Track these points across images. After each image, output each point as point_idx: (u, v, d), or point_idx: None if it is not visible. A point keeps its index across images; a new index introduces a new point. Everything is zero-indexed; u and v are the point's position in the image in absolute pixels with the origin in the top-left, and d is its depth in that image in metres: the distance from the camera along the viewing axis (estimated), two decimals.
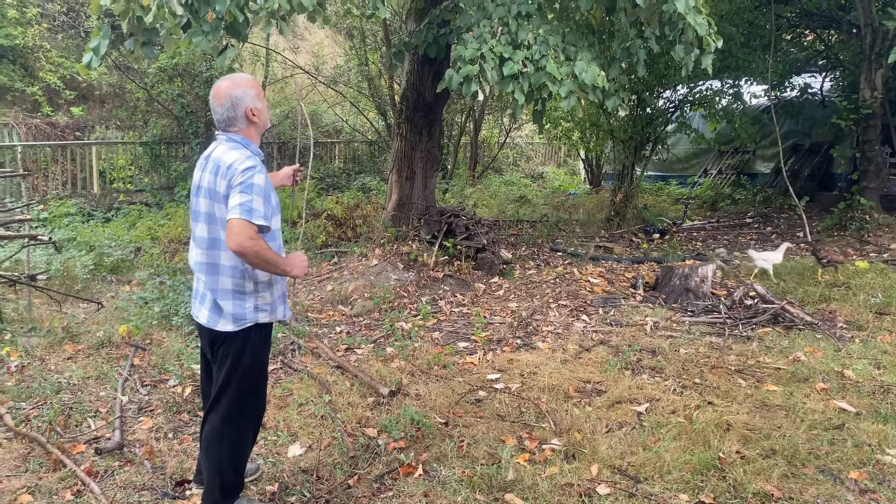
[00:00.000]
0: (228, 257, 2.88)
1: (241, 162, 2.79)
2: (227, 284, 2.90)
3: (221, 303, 2.91)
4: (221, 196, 2.80)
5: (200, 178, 2.94)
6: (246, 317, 2.94)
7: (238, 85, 2.93)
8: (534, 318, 5.97)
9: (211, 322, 2.95)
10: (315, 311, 6.32)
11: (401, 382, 4.61)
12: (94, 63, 4.90)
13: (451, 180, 14.36)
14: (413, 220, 7.39)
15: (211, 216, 2.87)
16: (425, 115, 7.40)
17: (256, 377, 3.08)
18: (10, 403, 4.33)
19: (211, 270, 2.91)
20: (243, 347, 2.98)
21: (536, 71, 5.53)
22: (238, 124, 2.93)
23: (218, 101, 2.91)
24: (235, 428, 3.07)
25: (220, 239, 2.87)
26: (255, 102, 2.94)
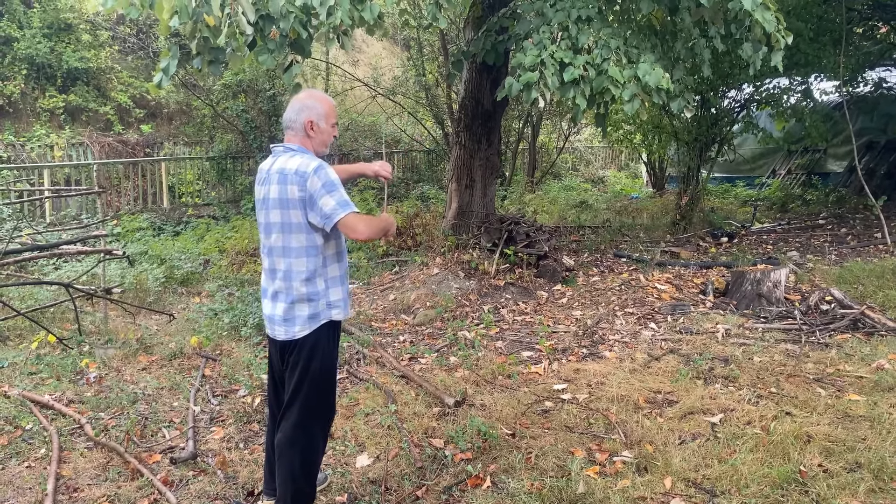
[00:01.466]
0: (301, 263, 2.96)
1: (307, 164, 2.87)
2: (302, 289, 2.98)
3: (297, 307, 2.99)
4: (297, 202, 2.87)
5: (267, 191, 2.99)
6: (320, 315, 3.02)
7: (313, 97, 3.06)
8: (599, 327, 5.86)
9: (289, 334, 3.02)
10: (378, 320, 6.36)
11: (465, 392, 4.59)
12: (165, 83, 5.06)
13: (510, 187, 14.30)
14: (473, 229, 7.37)
15: (285, 225, 2.93)
16: (484, 123, 7.38)
17: (327, 380, 3.13)
18: (90, 413, 4.49)
19: (286, 277, 2.99)
20: (313, 351, 3.04)
21: (598, 75, 5.45)
22: (295, 129, 3.02)
23: (291, 104, 3.06)
24: (307, 434, 3.11)
25: (292, 247, 2.95)
26: (319, 119, 3.01)
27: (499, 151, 7.67)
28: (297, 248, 2.95)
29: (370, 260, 8.85)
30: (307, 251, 2.95)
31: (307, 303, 2.99)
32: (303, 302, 2.99)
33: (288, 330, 3.02)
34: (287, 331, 3.02)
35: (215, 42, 4.40)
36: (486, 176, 7.49)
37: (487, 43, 6.63)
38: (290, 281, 2.99)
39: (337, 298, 3.07)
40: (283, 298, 3.01)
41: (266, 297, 3.12)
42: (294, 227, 2.92)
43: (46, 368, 5.33)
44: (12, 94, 13.90)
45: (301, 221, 2.90)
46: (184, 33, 4.59)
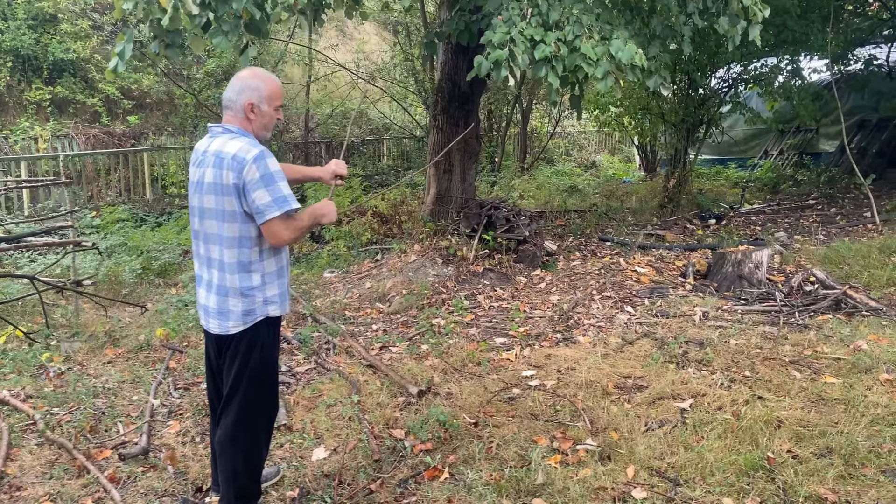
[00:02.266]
0: (233, 254, 2.80)
1: (246, 150, 2.69)
2: (236, 282, 2.82)
3: (231, 301, 2.83)
4: (231, 189, 2.70)
5: (202, 174, 2.82)
6: (255, 311, 2.86)
7: (256, 76, 2.86)
8: (575, 312, 5.74)
9: (223, 328, 2.88)
10: (352, 308, 6.24)
11: (432, 381, 4.46)
12: (121, 68, 4.91)
13: (500, 172, 14.13)
14: (452, 214, 7.23)
15: (219, 212, 2.77)
16: (461, 106, 7.22)
17: (267, 376, 2.99)
18: (46, 409, 4.37)
19: (221, 267, 2.83)
20: (252, 346, 2.89)
21: (571, 53, 5.29)
22: (235, 110, 2.83)
23: (232, 82, 2.86)
24: (248, 431, 2.98)
25: (225, 236, 2.79)
26: (260, 101, 2.82)
27: (478, 135, 7.51)
28: (230, 238, 2.79)
29: (351, 248, 8.71)
30: (241, 242, 2.79)
31: (241, 298, 2.83)
32: (237, 296, 2.83)
33: (222, 324, 2.88)
34: (221, 325, 2.88)
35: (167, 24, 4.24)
36: (465, 160, 7.34)
37: (461, 23, 6.46)
38: (223, 272, 2.83)
39: (273, 294, 2.90)
40: (216, 290, 2.86)
41: (200, 286, 2.98)
42: (228, 215, 2.76)
43: (11, 363, 5.21)
44: None
45: (235, 210, 2.74)
46: (135, 16, 4.44)
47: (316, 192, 10.61)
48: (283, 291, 2.96)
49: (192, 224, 2.93)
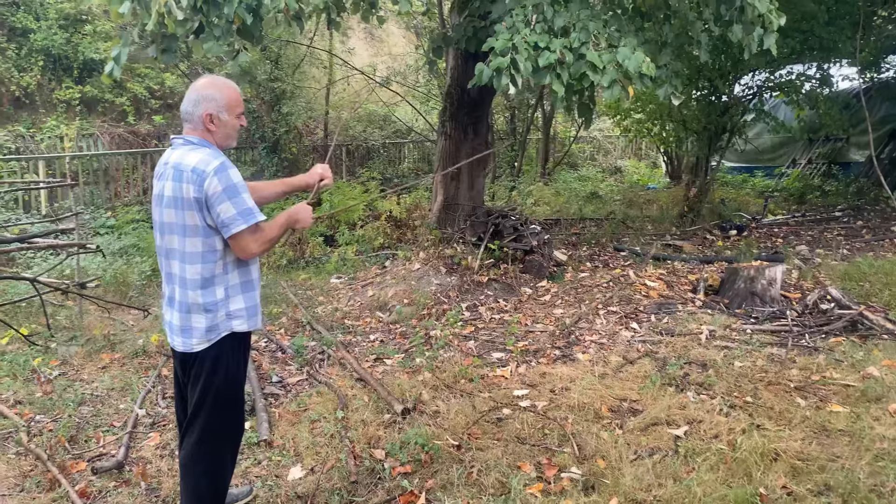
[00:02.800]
0: (195, 270, 2.70)
1: (206, 163, 2.60)
2: (198, 298, 2.72)
3: (193, 317, 2.74)
4: (192, 202, 2.61)
5: (162, 187, 2.73)
6: (219, 327, 2.76)
7: (213, 86, 2.75)
8: (578, 327, 5.57)
9: (186, 346, 2.78)
10: (352, 317, 6.14)
11: (420, 398, 4.34)
12: (116, 72, 4.89)
13: (520, 177, 13.97)
14: (459, 222, 7.10)
15: (179, 227, 2.68)
16: (470, 113, 7.09)
17: (233, 395, 2.89)
18: (31, 416, 4.33)
19: (183, 283, 2.74)
20: (216, 363, 2.80)
21: (576, 60, 5.14)
22: (194, 122, 2.73)
23: (188, 93, 2.75)
24: (212, 452, 2.89)
25: (187, 251, 2.69)
26: (219, 111, 2.72)
27: (487, 142, 7.37)
28: (192, 254, 2.69)
29: (362, 253, 8.64)
30: (203, 256, 2.69)
31: (204, 313, 2.73)
32: (199, 312, 2.73)
33: (185, 342, 2.78)
34: (184, 342, 2.78)
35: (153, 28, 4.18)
36: (472, 167, 7.20)
37: (469, 29, 6.33)
38: (185, 288, 2.73)
39: (239, 308, 2.79)
40: (178, 306, 2.77)
41: (164, 303, 2.89)
42: (189, 229, 2.66)
43: (7, 366, 5.21)
44: (29, 86, 13.94)
45: (197, 224, 2.64)
46: (124, 21, 4.39)
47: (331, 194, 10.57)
48: (250, 305, 2.85)
49: (156, 239, 2.85)
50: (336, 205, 10.32)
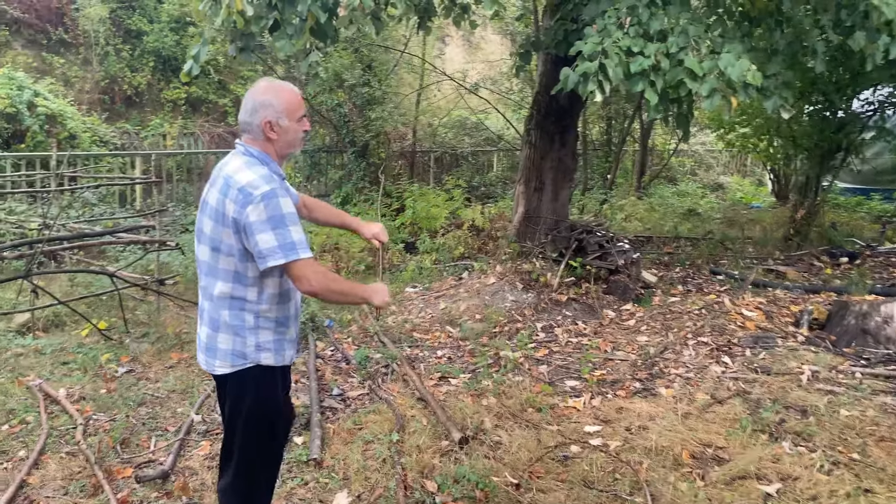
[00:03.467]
0: (224, 288, 2.48)
1: (256, 185, 2.37)
2: (226, 317, 2.50)
3: (220, 337, 2.53)
4: (230, 221, 2.40)
5: (209, 193, 2.54)
6: (246, 356, 2.53)
7: (270, 91, 2.53)
8: (663, 357, 5.11)
9: (208, 365, 2.59)
10: (422, 330, 5.90)
11: (481, 425, 4.03)
12: (195, 70, 4.83)
13: (612, 190, 13.41)
14: (540, 236, 6.74)
15: (215, 241, 2.47)
16: (558, 121, 6.73)
17: (261, 425, 2.64)
18: (91, 413, 4.31)
19: (211, 299, 2.53)
20: (242, 391, 2.58)
21: (673, 66, 4.72)
22: (253, 133, 2.52)
23: (244, 101, 2.55)
24: (246, 484, 2.68)
25: (218, 267, 2.48)
26: (279, 117, 2.50)
27: (574, 152, 6.98)
28: (224, 271, 2.48)
29: (439, 262, 8.40)
30: (235, 277, 2.47)
31: (231, 335, 2.51)
32: (227, 333, 2.51)
33: (208, 361, 2.58)
34: (207, 361, 2.58)
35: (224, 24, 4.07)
36: (557, 178, 6.83)
37: (560, 32, 5.99)
38: (213, 303, 2.52)
39: (268, 340, 2.55)
40: (207, 322, 2.56)
41: (199, 316, 2.68)
42: (224, 247, 2.45)
43: (82, 359, 5.26)
44: (140, 85, 14.56)
45: (232, 244, 2.43)
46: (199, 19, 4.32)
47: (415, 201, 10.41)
48: (282, 339, 2.59)
49: (195, 244, 2.65)
50: (419, 211, 10.16)
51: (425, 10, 6.98)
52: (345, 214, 3.15)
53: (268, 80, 2.60)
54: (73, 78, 14.08)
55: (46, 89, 12.27)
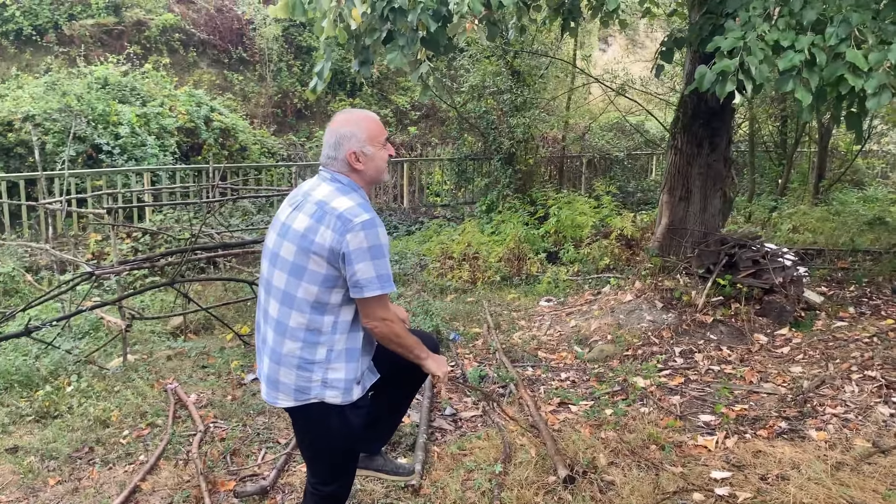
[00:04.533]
0: (300, 319, 2.39)
1: (356, 213, 2.34)
2: (294, 350, 2.41)
3: (283, 371, 2.43)
4: (325, 249, 2.33)
5: (291, 216, 2.46)
6: (310, 391, 2.43)
7: (349, 122, 2.49)
8: (818, 392, 4.46)
9: (270, 398, 2.52)
10: (548, 349, 5.60)
11: (593, 461, 3.69)
12: (319, 87, 4.92)
13: (783, 197, 12.23)
14: (685, 250, 6.19)
15: (299, 269, 2.38)
16: (707, 123, 6.15)
17: (327, 458, 2.59)
18: (213, 419, 4.46)
19: (279, 329, 2.44)
20: (308, 424, 2.54)
21: (832, 60, 4.11)
22: (339, 165, 2.47)
23: (326, 136, 2.51)
24: (322, 497, 2.66)
25: (296, 296, 2.39)
26: (363, 146, 2.46)
27: (726, 157, 6.35)
28: (301, 300, 2.38)
29: (580, 274, 8.03)
30: (314, 308, 2.38)
31: (295, 370, 2.41)
32: (290, 368, 2.42)
33: (269, 392, 2.51)
34: (269, 393, 2.51)
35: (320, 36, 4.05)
36: (706, 186, 6.24)
37: (706, 27, 5.45)
38: (281, 336, 2.42)
39: (337, 378, 2.42)
40: (269, 352, 2.48)
41: (258, 338, 2.62)
42: (308, 275, 2.36)
43: (221, 365, 5.51)
44: (309, 99, 15.44)
45: (322, 272, 2.35)
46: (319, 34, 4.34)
47: (560, 209, 10.07)
48: (350, 378, 2.46)
49: (262, 266, 2.58)
50: (563, 220, 9.81)
51: (569, 12, 6.69)
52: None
53: (345, 112, 2.56)
54: (250, 93, 15.16)
55: (222, 105, 13.28)
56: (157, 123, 11.00)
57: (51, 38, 12.83)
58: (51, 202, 7.24)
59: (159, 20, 14.08)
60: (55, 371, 5.06)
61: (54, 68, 12.10)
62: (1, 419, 4.37)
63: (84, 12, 13.39)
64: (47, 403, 4.55)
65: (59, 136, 9.57)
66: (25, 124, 9.37)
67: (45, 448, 4.04)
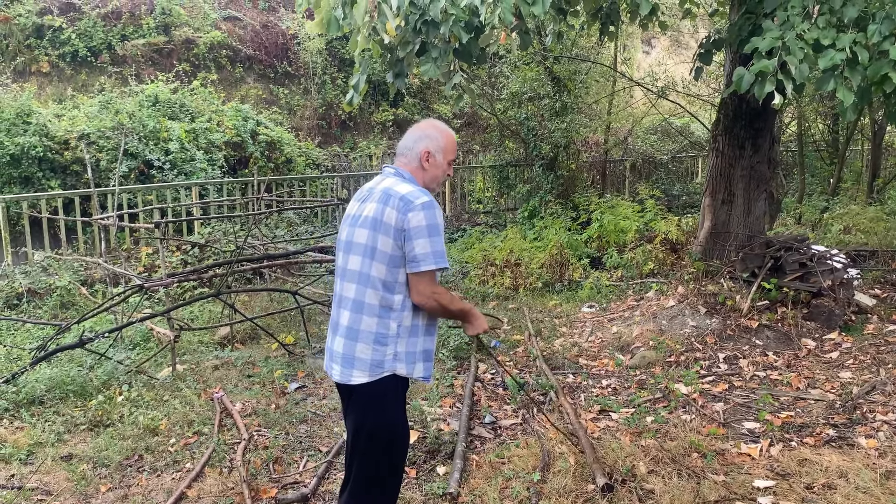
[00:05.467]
0: (375, 296, 2.62)
1: (416, 196, 2.61)
2: (372, 325, 2.63)
3: (359, 346, 2.63)
4: (391, 228, 2.58)
5: (360, 208, 2.74)
6: (384, 364, 2.64)
7: (435, 128, 2.82)
8: (868, 399, 4.33)
9: (344, 376, 2.69)
10: (589, 356, 5.56)
11: (632, 471, 3.65)
12: (355, 100, 5.00)
13: (836, 197, 11.88)
14: (729, 254, 6.08)
15: (371, 249, 2.62)
16: (749, 125, 6.04)
17: (388, 439, 2.72)
18: (257, 427, 4.56)
19: (356, 308, 2.65)
20: (372, 402, 2.68)
21: (875, 58, 4.01)
22: (409, 157, 2.78)
23: (410, 130, 2.84)
24: (367, 501, 2.75)
25: (371, 275, 2.62)
26: (437, 151, 2.76)
27: (770, 159, 6.22)
28: (375, 278, 2.61)
29: (623, 279, 7.94)
30: (385, 285, 2.61)
31: (373, 345, 2.62)
32: (367, 343, 2.62)
33: (344, 371, 2.68)
34: (343, 372, 2.69)
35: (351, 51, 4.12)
36: (749, 189, 6.12)
37: (745, 27, 5.36)
38: (359, 313, 2.64)
39: (403, 351, 2.65)
40: (344, 332, 2.67)
41: (329, 328, 2.82)
42: (379, 254, 2.60)
43: (265, 374, 5.62)
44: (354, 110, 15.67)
45: (388, 251, 2.59)
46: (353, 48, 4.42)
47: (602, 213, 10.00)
48: (413, 352, 2.69)
49: (337, 259, 2.83)
50: (606, 225, 9.73)
51: (607, 16, 6.67)
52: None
53: (435, 121, 2.87)
54: (295, 106, 15.44)
55: (268, 118, 13.56)
56: (205, 138, 11.29)
57: (104, 59, 13.29)
58: (103, 217, 7.50)
59: (207, 38, 14.46)
60: (107, 381, 5.23)
61: (107, 88, 12.53)
62: (56, 428, 4.55)
63: (136, 33, 13.84)
64: (100, 413, 4.71)
65: (112, 154, 9.91)
66: (80, 143, 9.73)
67: (97, 456, 4.19)
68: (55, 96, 12.60)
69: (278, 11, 16.22)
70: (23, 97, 10.36)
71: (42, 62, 12.92)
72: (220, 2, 15.78)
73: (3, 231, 8.35)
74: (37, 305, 7.45)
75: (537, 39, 10.65)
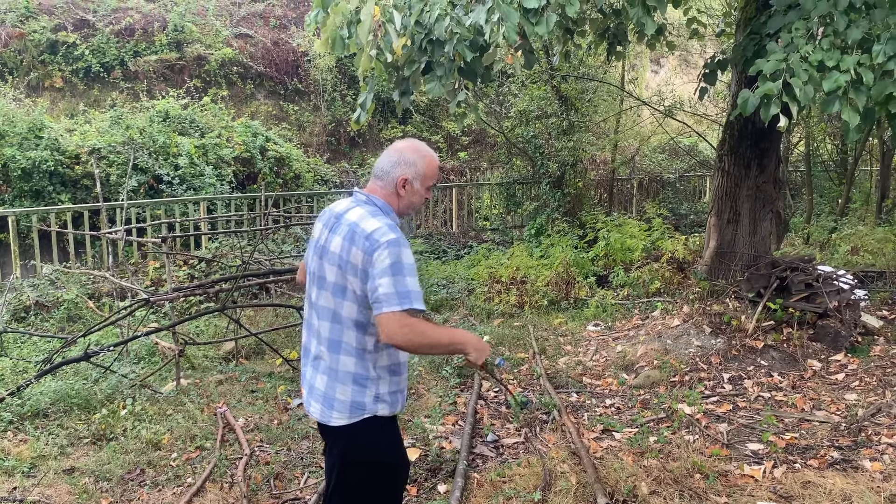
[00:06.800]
0: (350, 336, 2.48)
1: (382, 232, 2.42)
2: (349, 365, 2.49)
3: (339, 388, 2.50)
4: (358, 269, 2.42)
5: (327, 238, 2.55)
6: (365, 406, 2.50)
7: (415, 152, 2.60)
8: (874, 421, 4.29)
9: (324, 416, 2.56)
10: (593, 375, 5.55)
11: (633, 491, 3.63)
12: (363, 118, 5.04)
13: (845, 217, 11.85)
14: (735, 274, 6.06)
15: (341, 289, 2.47)
16: (755, 145, 6.05)
17: (371, 483, 2.57)
18: (259, 443, 4.56)
19: (333, 347, 2.51)
20: (353, 445, 2.54)
21: (879, 79, 4.02)
22: (385, 182, 2.58)
23: (388, 151, 2.63)
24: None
25: (342, 315, 2.48)
26: (415, 178, 2.57)
27: (775, 179, 6.22)
28: (347, 318, 2.48)
29: (629, 298, 7.92)
30: (358, 325, 2.47)
31: (352, 385, 2.49)
32: (346, 384, 2.49)
33: (324, 411, 2.55)
34: (322, 412, 2.55)
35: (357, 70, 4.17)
36: (755, 209, 6.12)
37: (750, 48, 5.39)
38: (336, 353, 2.50)
39: (385, 392, 2.53)
40: (325, 370, 2.54)
41: (307, 360, 2.66)
42: (349, 294, 2.46)
43: (269, 389, 5.63)
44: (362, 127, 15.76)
45: (358, 292, 2.44)
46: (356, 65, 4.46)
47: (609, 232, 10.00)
48: (394, 391, 2.56)
49: (308, 289, 2.67)
50: (613, 243, 9.72)
51: (614, 36, 6.71)
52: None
53: (416, 143, 2.65)
54: (305, 123, 15.54)
55: (277, 134, 13.66)
56: (214, 154, 11.39)
57: (117, 75, 13.44)
58: (111, 231, 7.56)
59: (218, 54, 14.61)
60: (112, 395, 5.25)
61: (119, 103, 12.67)
62: (60, 441, 4.56)
63: (148, 49, 14.01)
64: (103, 426, 4.73)
65: (122, 168, 10.00)
66: (91, 157, 9.83)
67: (99, 469, 4.19)
68: (68, 111, 12.74)
69: (289, 29, 16.38)
70: (35, 112, 10.48)
71: (55, 77, 13.08)
72: (232, 19, 15.94)
73: (13, 244, 8.42)
74: (44, 318, 7.49)
75: (545, 58, 10.72)
